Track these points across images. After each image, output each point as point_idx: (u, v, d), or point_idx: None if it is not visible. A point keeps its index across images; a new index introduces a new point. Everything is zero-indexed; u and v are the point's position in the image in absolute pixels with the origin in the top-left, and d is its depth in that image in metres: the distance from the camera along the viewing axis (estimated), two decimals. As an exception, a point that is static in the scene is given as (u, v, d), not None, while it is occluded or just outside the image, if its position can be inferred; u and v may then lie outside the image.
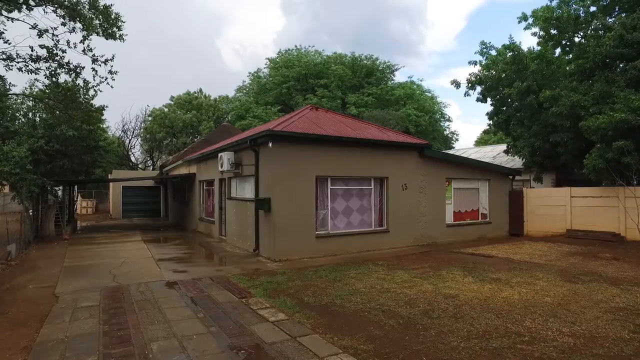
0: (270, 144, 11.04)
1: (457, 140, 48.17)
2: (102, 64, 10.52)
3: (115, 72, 10.85)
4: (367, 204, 13.40)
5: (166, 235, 17.65)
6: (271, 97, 41.60)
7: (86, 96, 11.23)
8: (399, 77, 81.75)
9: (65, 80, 11.07)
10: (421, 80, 50.48)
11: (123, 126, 46.81)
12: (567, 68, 17.66)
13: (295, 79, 41.69)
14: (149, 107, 44.72)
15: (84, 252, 12.90)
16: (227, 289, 8.10)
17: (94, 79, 10.66)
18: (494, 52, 21.49)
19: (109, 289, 8.07)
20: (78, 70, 10.73)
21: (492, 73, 20.33)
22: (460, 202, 16.00)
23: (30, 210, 16.98)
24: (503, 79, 19.20)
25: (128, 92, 72.69)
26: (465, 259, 11.52)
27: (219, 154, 13.83)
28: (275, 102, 41.46)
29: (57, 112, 12.24)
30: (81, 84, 10.85)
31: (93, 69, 10.69)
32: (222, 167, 13.52)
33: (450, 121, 44.94)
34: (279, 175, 11.40)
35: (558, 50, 19.07)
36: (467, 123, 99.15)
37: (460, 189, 16.01)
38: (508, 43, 18.83)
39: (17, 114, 16.06)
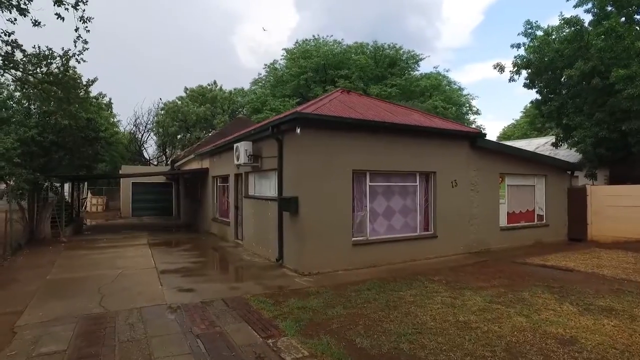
0: (299, 130, 8.90)
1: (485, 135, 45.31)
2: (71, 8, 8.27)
3: (89, 19, 8.70)
4: (411, 204, 11.18)
5: (175, 238, 15.69)
6: (288, 89, 39.44)
7: (66, 67, 9.19)
8: (424, 68, 78.70)
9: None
10: (447, 71, 47.62)
11: (135, 120, 45.36)
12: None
13: (314, 70, 39.41)
14: (161, 100, 43.10)
15: (78, 260, 10.98)
16: (247, 320, 6.01)
17: (75, 46, 8.58)
18: (540, 33, 19.02)
19: (89, 319, 6.04)
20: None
21: (537, 56, 17.87)
22: (514, 202, 13.65)
23: (26, 210, 15.24)
24: (557, 60, 16.70)
25: (141, 88, 71.72)
26: (539, 273, 9.23)
27: (235, 145, 11.77)
28: (293, 94, 39.30)
29: (33, 89, 10.21)
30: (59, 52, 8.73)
31: (57, 14, 8.46)
32: (238, 159, 11.45)
33: (479, 114, 42.07)
34: (308, 170, 9.26)
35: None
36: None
37: (515, 186, 13.65)
38: (567, 17, 16.28)
39: (10, 102, 14.26)
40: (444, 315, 6.19)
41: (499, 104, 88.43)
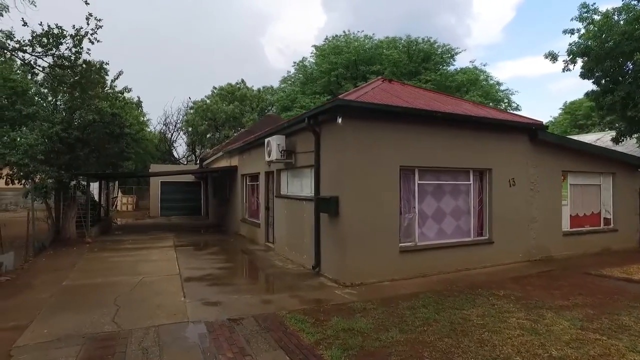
0: (340, 120, 7.76)
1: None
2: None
3: None
4: (464, 206, 9.86)
5: (202, 240, 14.85)
6: (318, 86, 38.39)
7: (78, 49, 8.38)
8: (460, 62, 75.73)
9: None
10: (484, 65, 45.21)
11: (165, 119, 45.43)
12: None
13: (344, 66, 38.22)
14: (190, 99, 42.90)
15: (99, 264, 10.22)
16: (284, 347, 4.91)
17: (87, 23, 7.70)
18: (598, 17, 17.14)
19: (97, 341, 5.09)
20: None
21: (597, 42, 16.02)
22: (577, 203, 12.07)
23: (52, 209, 14.78)
24: (624, 44, 14.87)
25: (170, 89, 72.48)
26: (627, 289, 7.73)
27: (266, 140, 10.75)
28: (323, 91, 38.22)
29: (45, 74, 9.46)
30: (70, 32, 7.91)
31: None
32: (269, 155, 10.43)
33: (519, 110, 39.64)
34: (350, 166, 8.10)
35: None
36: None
37: (578, 185, 12.07)
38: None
39: (37, 98, 13.80)
40: (529, 347, 4.90)
41: (532, 102, 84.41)
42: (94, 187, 23.28)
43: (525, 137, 10.61)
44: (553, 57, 17.80)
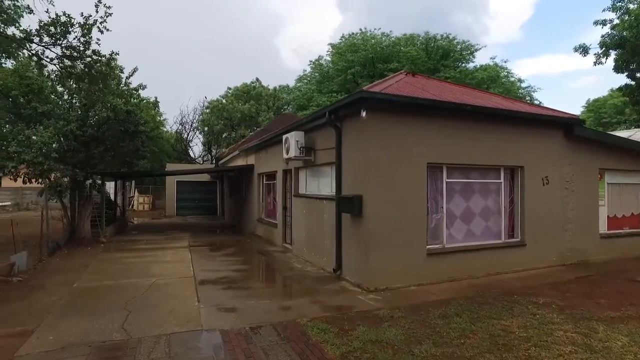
0: (364, 114, 7.24)
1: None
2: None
3: None
4: (494, 205, 9.23)
5: (218, 240, 14.47)
6: (335, 84, 37.86)
7: (87, 38, 8.03)
8: (480, 59, 74.02)
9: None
10: (505, 62, 44.07)
11: (181, 119, 45.51)
12: None
13: (361, 64, 37.60)
14: (206, 98, 42.84)
15: (112, 264, 9.91)
16: (306, 361, 4.43)
17: (96, 11, 7.34)
18: (633, 6, 16.26)
19: (104, 351, 4.68)
20: None
21: (634, 32, 15.16)
22: (616, 203, 11.28)
23: (68, 208, 14.61)
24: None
25: (186, 90, 72.88)
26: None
27: (284, 136, 10.30)
28: (340, 90, 37.68)
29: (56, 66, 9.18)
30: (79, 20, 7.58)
31: None
32: (287, 153, 9.97)
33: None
34: (374, 163, 7.56)
35: None
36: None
37: (617, 184, 11.28)
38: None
39: (53, 96, 13.60)
40: (586, 365, 4.31)
41: (552, 100, 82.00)
42: (110, 186, 23.24)
43: (559, 132, 9.91)
44: (584, 50, 17.01)
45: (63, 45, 8.16)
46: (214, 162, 36.77)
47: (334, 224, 8.53)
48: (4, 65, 14.17)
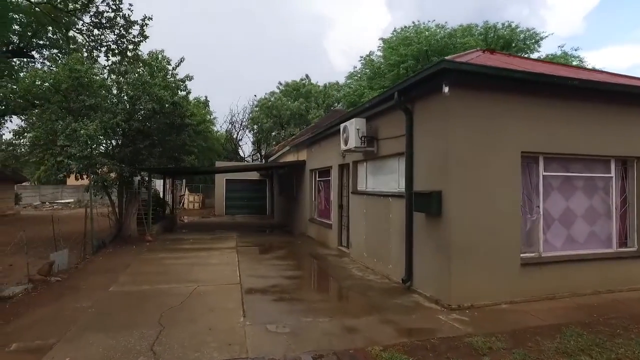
0: (446, 89, 5.85)
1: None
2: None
3: None
4: (601, 206, 7.48)
5: (267, 242, 13.48)
6: (387, 80, 36.22)
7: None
8: (547, 48, 68.20)
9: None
10: (576, 50, 40.15)
11: (231, 118, 45.70)
12: None
13: (415, 58, 35.71)
14: (255, 97, 42.67)
15: (153, 266, 9.14)
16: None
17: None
18: None
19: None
20: None
21: None
22: None
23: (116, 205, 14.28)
24: None
25: (235, 93, 73.89)
26: None
27: (342, 125, 9.09)
28: (392, 85, 36.03)
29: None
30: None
31: None
32: (346, 144, 8.76)
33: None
34: (457, 152, 6.15)
35: None
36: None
37: None
38: None
39: (101, 90, 13.27)
40: None
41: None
42: (159, 184, 23.15)
43: (684, 116, 7.97)
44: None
45: (92, 12, 7.50)
46: (263, 161, 36.35)
47: (402, 225, 7.19)
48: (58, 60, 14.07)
